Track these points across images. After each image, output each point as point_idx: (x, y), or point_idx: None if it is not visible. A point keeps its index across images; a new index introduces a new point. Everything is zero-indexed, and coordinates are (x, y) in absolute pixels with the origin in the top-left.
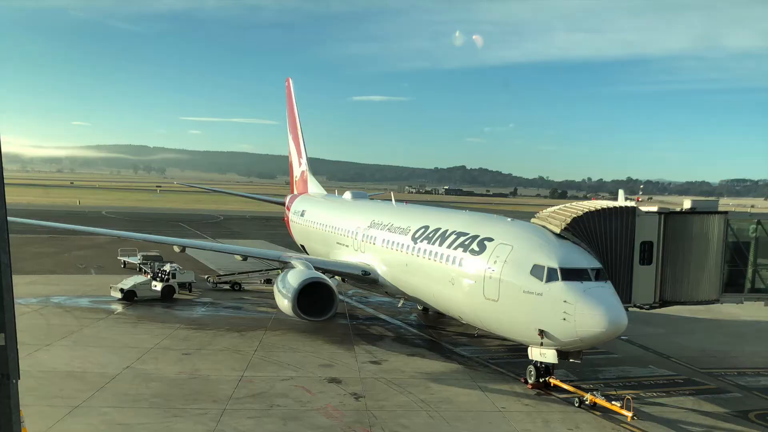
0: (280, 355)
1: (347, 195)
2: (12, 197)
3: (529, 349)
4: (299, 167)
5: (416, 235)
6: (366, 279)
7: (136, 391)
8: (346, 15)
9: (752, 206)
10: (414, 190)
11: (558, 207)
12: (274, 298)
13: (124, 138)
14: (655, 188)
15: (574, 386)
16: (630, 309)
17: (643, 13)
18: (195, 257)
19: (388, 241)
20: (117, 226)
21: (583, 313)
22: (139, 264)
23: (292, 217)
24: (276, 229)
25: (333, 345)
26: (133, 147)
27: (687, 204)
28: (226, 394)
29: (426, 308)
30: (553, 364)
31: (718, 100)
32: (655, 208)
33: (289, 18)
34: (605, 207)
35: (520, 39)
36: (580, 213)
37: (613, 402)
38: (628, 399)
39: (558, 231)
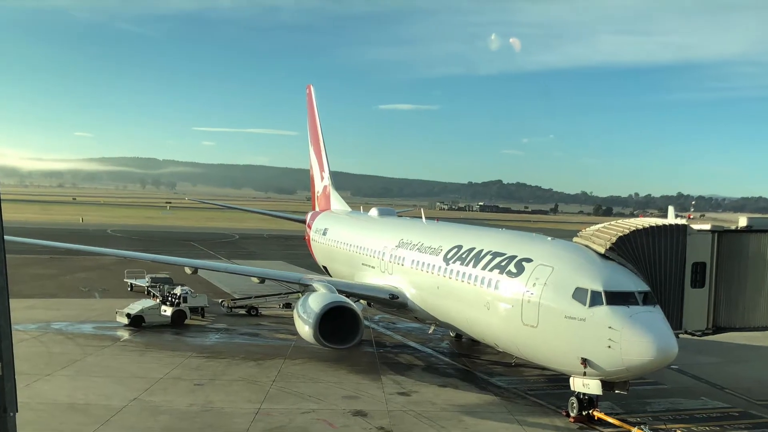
0: (300, 385)
1: (373, 212)
2: (9, 214)
3: (571, 379)
4: (321, 182)
5: (448, 256)
6: (394, 303)
7: (143, 426)
8: (371, 16)
9: None
10: (446, 207)
11: (602, 225)
12: (293, 324)
13: (131, 150)
14: (707, 204)
15: (619, 420)
16: (680, 336)
17: (694, 15)
18: (208, 279)
19: (418, 262)
20: (123, 246)
21: (629, 340)
22: (148, 287)
23: (314, 236)
24: (296, 249)
25: (358, 375)
26: (140, 160)
27: (743, 222)
28: (242, 428)
29: (459, 335)
30: (597, 395)
31: None
32: (708, 226)
33: (310, 19)
34: (653, 225)
35: (561, 42)
36: (627, 231)
37: None
38: None
39: (602, 251)
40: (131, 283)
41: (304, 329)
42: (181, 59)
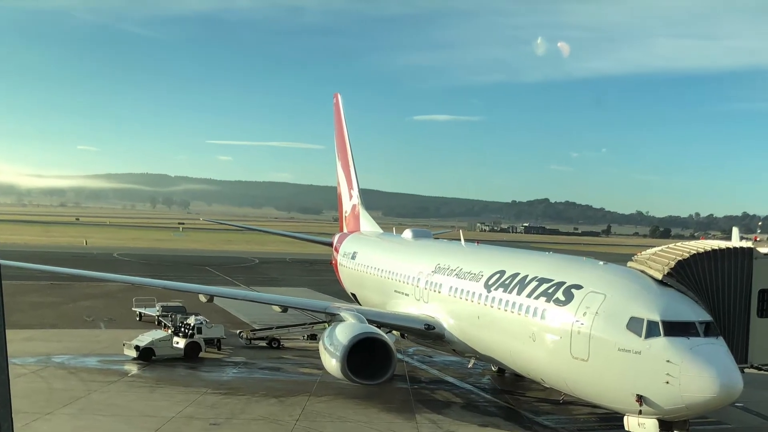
0: (326, 425)
1: (407, 234)
2: (6, 236)
3: (625, 418)
4: (350, 200)
5: (490, 282)
6: (430, 334)
7: None
8: (404, 18)
9: None
10: (487, 228)
11: (660, 248)
12: (319, 358)
13: (140, 165)
14: None
15: None
16: (746, 370)
17: (763, 15)
18: (225, 308)
19: (457, 288)
20: (131, 271)
21: (689, 375)
22: (158, 316)
23: (341, 260)
24: (322, 275)
25: (390, 413)
26: (150, 176)
27: None
28: None
29: (502, 369)
30: None
31: None
32: None
33: (338, 22)
34: (716, 248)
35: (615, 46)
36: (686, 255)
37: None
38: None
39: (660, 277)
40: (140, 312)
41: (331, 363)
42: (194, 65)
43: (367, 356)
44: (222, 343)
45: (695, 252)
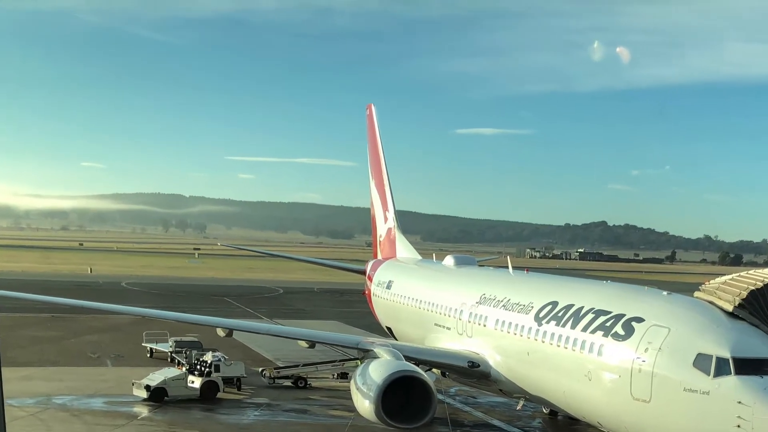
0: None
1: (449, 260)
2: (1, 263)
3: None
4: (384, 223)
5: (541, 315)
6: (474, 372)
7: None
8: (446, 20)
9: None
10: (538, 254)
11: (730, 276)
12: (350, 398)
13: (151, 184)
14: None
15: None
16: None
17: None
18: (245, 343)
19: (504, 321)
20: (141, 303)
21: (763, 419)
22: (171, 353)
23: (376, 290)
24: (353, 306)
25: None
26: (162, 196)
27: None
28: None
29: (554, 411)
30: None
31: None
32: None
33: (372, 24)
34: None
35: (681, 51)
36: (760, 284)
37: None
38: None
39: (730, 308)
40: (151, 348)
41: (364, 404)
42: (212, 73)
43: (404, 397)
44: (242, 383)
45: None
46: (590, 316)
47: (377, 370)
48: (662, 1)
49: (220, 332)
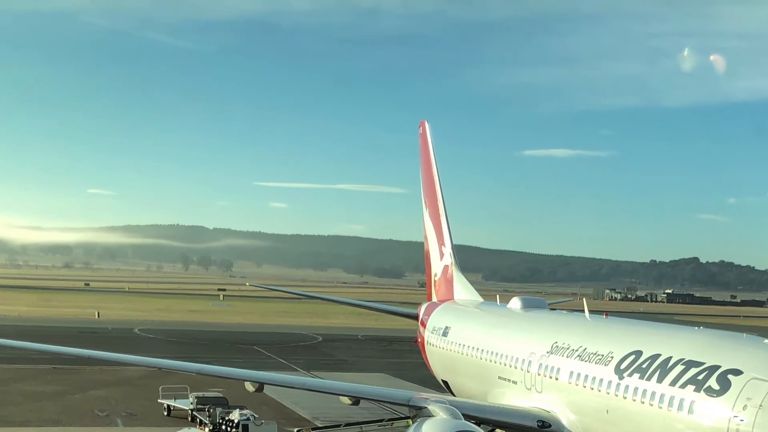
0: None
1: (515, 303)
2: None
3: None
4: (440, 260)
5: (622, 366)
6: None
7: None
8: (512, 23)
9: None
10: (619, 296)
11: None
12: None
13: (168, 215)
14: None
15: None
16: None
17: None
18: (278, 400)
19: (579, 374)
20: (157, 352)
21: None
22: (192, 410)
23: (430, 338)
24: (404, 357)
25: None
26: (181, 228)
27: None
28: None
29: None
30: None
31: None
32: None
33: (424, 28)
34: None
35: None
36: None
37: None
38: None
39: None
40: (168, 405)
41: None
42: (238, 85)
43: None
44: None
45: None
46: (680, 368)
47: (432, 431)
48: (762, 0)
49: (249, 387)
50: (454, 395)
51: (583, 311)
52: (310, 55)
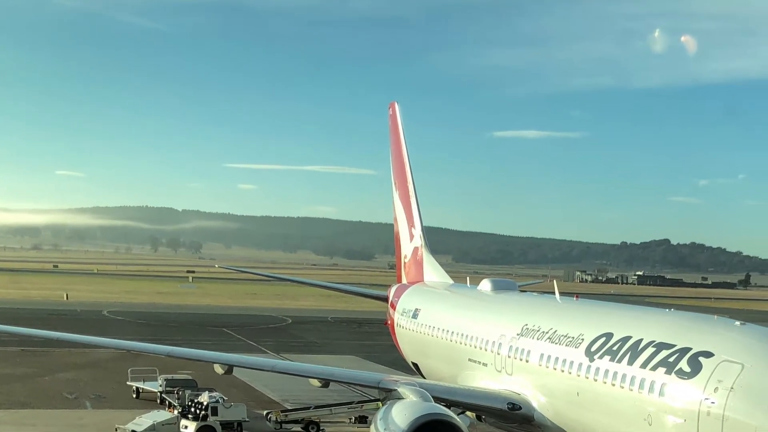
0: None
1: (485, 285)
2: None
3: None
4: (410, 242)
5: (593, 349)
6: (514, 416)
7: None
8: (482, 5)
9: None
10: (589, 278)
11: None
12: None
13: (137, 196)
14: None
15: None
16: None
17: None
18: (248, 382)
19: (550, 356)
20: (126, 334)
21: None
22: (161, 393)
23: (400, 320)
24: (374, 339)
25: None
26: (151, 210)
27: None
28: None
29: None
30: None
31: None
32: None
33: (396, 9)
34: None
35: (757, 41)
36: None
37: None
38: None
39: None
40: (137, 388)
41: None
42: (209, 67)
43: None
44: (244, 428)
45: None
46: (650, 350)
47: (402, 413)
48: None
49: (219, 369)
50: (425, 378)
51: (553, 293)
52: (280, 37)
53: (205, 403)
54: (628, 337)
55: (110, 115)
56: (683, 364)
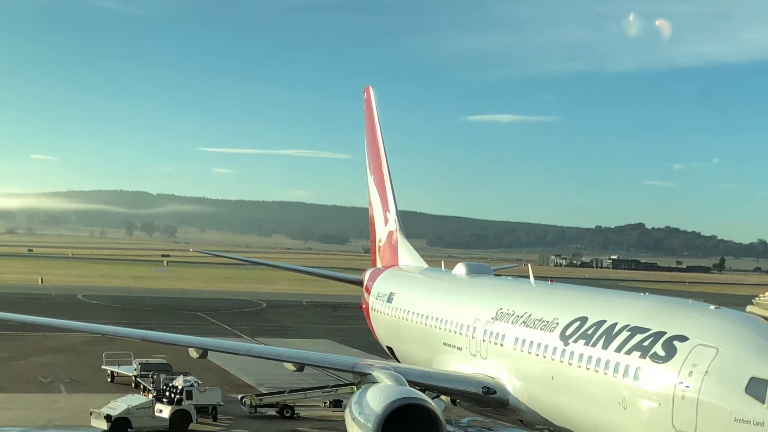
0: None
1: (460, 269)
2: None
3: None
4: (385, 226)
5: (567, 333)
6: (489, 400)
7: None
8: None
9: None
10: (564, 262)
11: None
12: (345, 430)
13: (112, 181)
14: None
15: None
16: None
17: None
18: (222, 366)
19: (524, 340)
20: (101, 318)
21: None
22: (136, 377)
23: (374, 304)
24: (348, 323)
25: None
26: (125, 194)
27: None
28: None
29: None
30: None
31: None
32: None
33: None
34: None
35: (731, 25)
36: None
37: None
38: None
39: None
40: (112, 372)
41: None
42: (183, 51)
43: (408, 429)
44: (219, 412)
45: None
46: (625, 334)
47: (376, 397)
48: None
49: (193, 353)
50: (399, 362)
51: (528, 277)
52: (254, 21)
53: (179, 387)
54: (603, 321)
55: (85, 100)
56: (658, 348)
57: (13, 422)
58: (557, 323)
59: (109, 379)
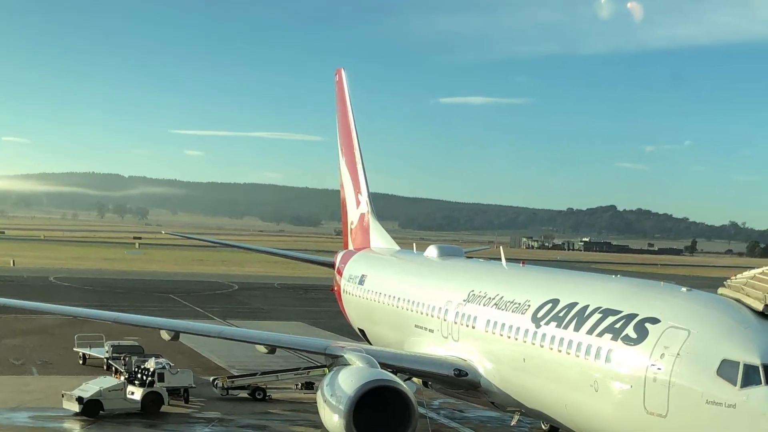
0: None
1: (431, 251)
2: None
3: None
4: (357, 208)
5: (539, 315)
6: (461, 382)
7: None
8: None
9: None
10: (536, 244)
11: (760, 270)
12: (317, 412)
13: (84, 163)
14: None
15: None
16: None
17: None
18: (194, 348)
19: (496, 323)
20: (72, 300)
21: None
22: (107, 359)
23: (346, 286)
24: (320, 305)
25: None
26: (97, 176)
27: None
28: None
29: (554, 427)
30: None
31: None
32: None
33: None
34: None
35: (703, 7)
36: None
37: None
38: None
39: (760, 308)
40: (84, 354)
41: (333, 419)
42: (154, 33)
43: (379, 411)
44: (190, 394)
45: None
46: (597, 316)
47: (348, 380)
48: None
49: (165, 335)
50: (371, 344)
51: (500, 259)
52: (225, 2)
53: (151, 370)
54: (575, 303)
55: (56, 81)
56: (629, 330)
57: None
58: (529, 305)
59: (81, 362)
